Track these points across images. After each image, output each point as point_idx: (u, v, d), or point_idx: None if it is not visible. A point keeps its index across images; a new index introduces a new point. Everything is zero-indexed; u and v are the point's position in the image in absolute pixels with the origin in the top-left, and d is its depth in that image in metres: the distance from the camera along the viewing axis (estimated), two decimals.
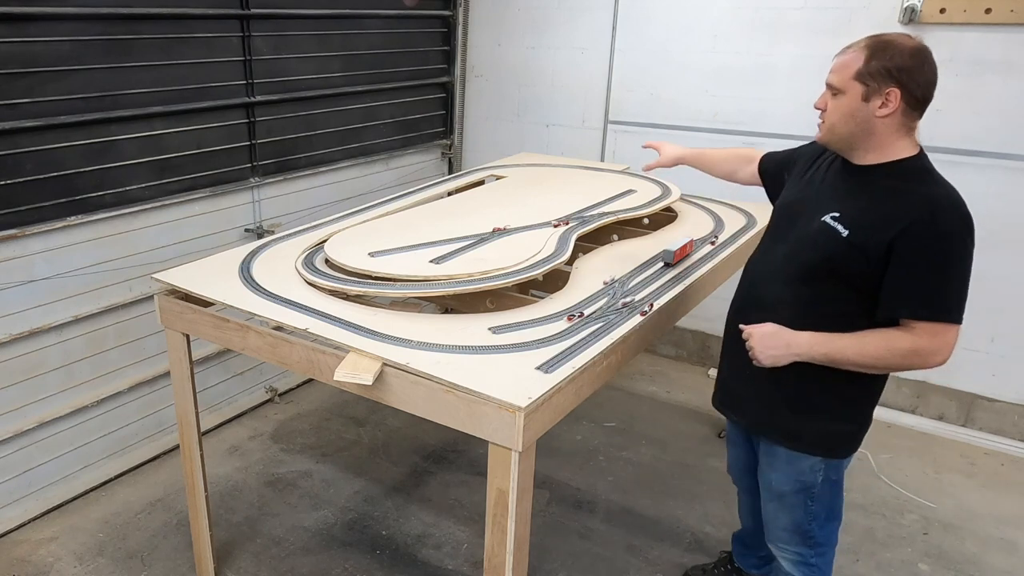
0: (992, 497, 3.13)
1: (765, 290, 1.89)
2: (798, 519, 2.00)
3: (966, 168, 3.31)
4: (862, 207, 1.70)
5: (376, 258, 2.28)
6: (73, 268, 2.82)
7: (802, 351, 1.75)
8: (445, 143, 4.63)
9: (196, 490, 2.42)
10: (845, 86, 1.66)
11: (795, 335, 1.76)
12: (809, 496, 1.96)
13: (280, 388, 3.77)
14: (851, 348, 1.71)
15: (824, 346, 1.73)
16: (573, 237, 2.52)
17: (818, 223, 1.75)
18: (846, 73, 1.66)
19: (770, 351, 1.77)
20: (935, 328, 1.65)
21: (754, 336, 1.80)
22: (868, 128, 1.68)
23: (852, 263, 1.69)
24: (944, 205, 1.63)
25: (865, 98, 1.65)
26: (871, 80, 1.63)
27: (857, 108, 1.66)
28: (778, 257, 1.87)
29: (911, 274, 1.63)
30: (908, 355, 1.67)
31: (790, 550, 2.05)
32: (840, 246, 1.70)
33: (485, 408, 1.63)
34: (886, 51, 1.62)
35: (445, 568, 2.66)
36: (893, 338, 1.68)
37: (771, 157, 2.23)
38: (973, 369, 3.52)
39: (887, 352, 1.68)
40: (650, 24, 3.91)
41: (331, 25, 3.66)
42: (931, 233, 1.60)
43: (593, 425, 3.56)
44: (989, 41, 3.15)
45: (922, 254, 1.61)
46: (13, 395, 2.73)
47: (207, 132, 3.19)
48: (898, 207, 1.64)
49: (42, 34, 2.56)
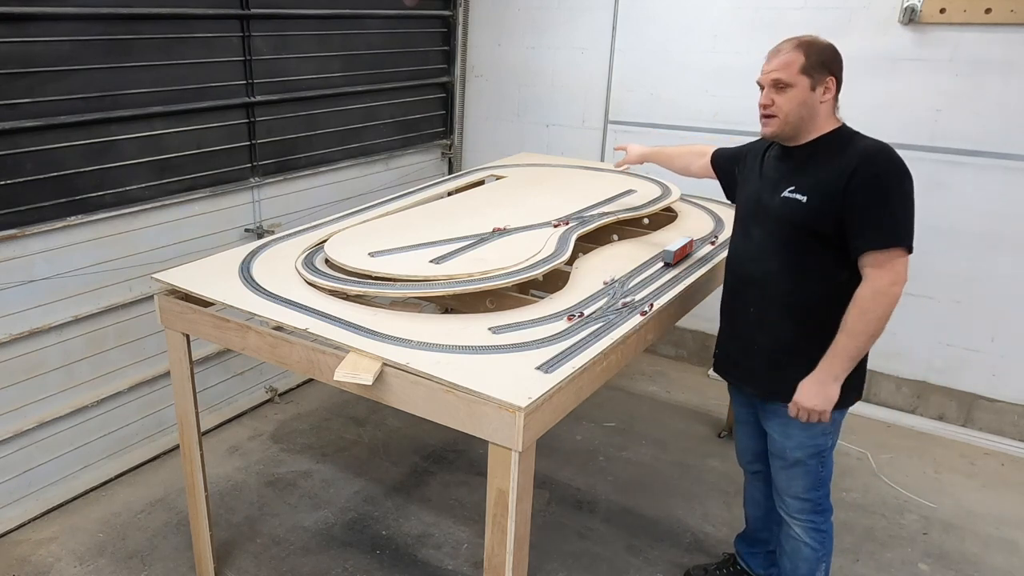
0: (992, 497, 3.13)
1: (753, 267, 2.08)
2: (810, 484, 2.13)
3: (966, 168, 3.31)
4: (811, 175, 1.94)
5: (376, 258, 2.28)
6: (73, 268, 2.82)
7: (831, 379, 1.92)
8: (445, 143, 4.63)
9: (196, 490, 2.42)
10: (794, 80, 1.90)
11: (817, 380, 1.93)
12: (820, 460, 2.10)
13: (280, 388, 3.77)
14: (848, 339, 1.88)
15: (837, 360, 1.91)
16: (573, 237, 2.52)
17: (779, 200, 1.98)
18: (792, 69, 1.90)
19: (819, 407, 1.94)
20: (889, 257, 1.83)
21: (802, 410, 1.97)
22: (813, 112, 1.93)
23: (817, 221, 1.91)
24: (875, 151, 1.88)
25: (812, 88, 1.91)
26: (814, 72, 1.89)
27: (807, 97, 1.91)
28: (756, 237, 2.07)
29: (861, 212, 1.85)
30: (877, 297, 1.84)
31: (803, 518, 2.18)
32: (804, 211, 1.92)
33: (485, 408, 1.64)
34: (815, 48, 1.90)
35: (445, 568, 2.66)
36: (858, 298, 1.86)
37: (721, 152, 2.48)
38: (973, 369, 3.52)
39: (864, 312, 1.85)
40: (650, 24, 3.91)
41: (331, 25, 3.66)
42: (869, 175, 1.84)
43: (593, 425, 3.56)
44: (989, 41, 3.15)
45: (866, 193, 1.84)
46: (13, 395, 2.73)
47: (207, 132, 3.19)
48: (840, 162, 1.89)
49: (42, 34, 2.56)
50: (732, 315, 2.19)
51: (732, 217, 2.97)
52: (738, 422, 2.40)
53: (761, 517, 2.46)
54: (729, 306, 2.21)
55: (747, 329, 2.12)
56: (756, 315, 2.08)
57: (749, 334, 2.11)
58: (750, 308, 2.09)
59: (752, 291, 2.08)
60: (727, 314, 2.22)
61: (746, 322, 2.12)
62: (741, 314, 2.14)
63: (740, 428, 2.40)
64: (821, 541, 2.19)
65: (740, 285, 2.14)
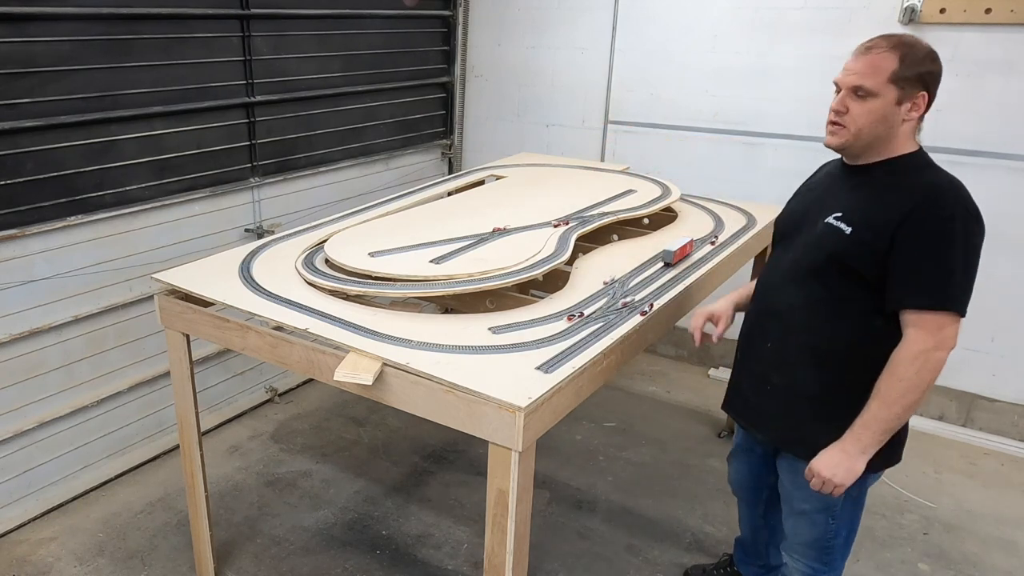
0: (992, 497, 3.13)
1: (776, 297, 1.87)
2: (818, 536, 1.94)
3: (966, 168, 3.30)
4: (864, 203, 1.69)
5: (376, 258, 2.28)
6: (73, 268, 2.82)
7: (858, 452, 1.69)
8: (445, 143, 4.63)
9: (196, 490, 2.42)
10: (880, 89, 1.61)
11: (842, 450, 1.70)
12: (831, 514, 1.90)
13: (280, 388, 3.77)
14: (880, 407, 1.65)
15: (867, 431, 1.67)
16: (573, 237, 2.52)
17: (822, 225, 1.74)
18: (881, 76, 1.61)
19: (839, 481, 1.71)
20: (936, 320, 1.60)
21: (824, 481, 1.73)
22: (892, 131, 1.66)
23: (858, 259, 1.66)
24: (944, 190, 1.61)
25: (898, 102, 1.62)
26: (907, 84, 1.60)
27: (890, 112, 1.63)
28: (785, 264, 1.85)
29: (912, 261, 1.59)
30: (915, 362, 1.61)
31: (804, 563, 2.02)
32: (845, 244, 1.68)
33: (485, 408, 1.63)
34: (915, 54, 1.60)
35: (445, 568, 2.66)
36: (895, 362, 1.64)
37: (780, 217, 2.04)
38: (973, 369, 3.52)
39: (901, 379, 1.62)
40: (650, 24, 3.91)
41: (331, 25, 3.65)
42: (931, 217, 1.57)
43: (593, 425, 3.56)
44: (989, 41, 3.15)
45: (922, 240, 1.58)
46: (13, 395, 2.73)
47: (207, 132, 3.19)
48: (899, 197, 1.62)
49: (42, 34, 2.56)
50: (748, 346, 1.95)
51: (732, 217, 3.00)
52: (737, 450, 2.23)
53: (752, 538, 2.36)
54: (746, 335, 1.97)
55: (761, 366, 1.89)
56: (773, 351, 1.86)
57: (763, 372, 1.88)
58: (768, 343, 1.88)
59: (772, 323, 1.85)
60: (743, 343, 1.99)
61: (761, 358, 1.89)
62: (758, 347, 1.90)
63: (737, 457, 2.23)
64: None
65: (760, 317, 1.92)
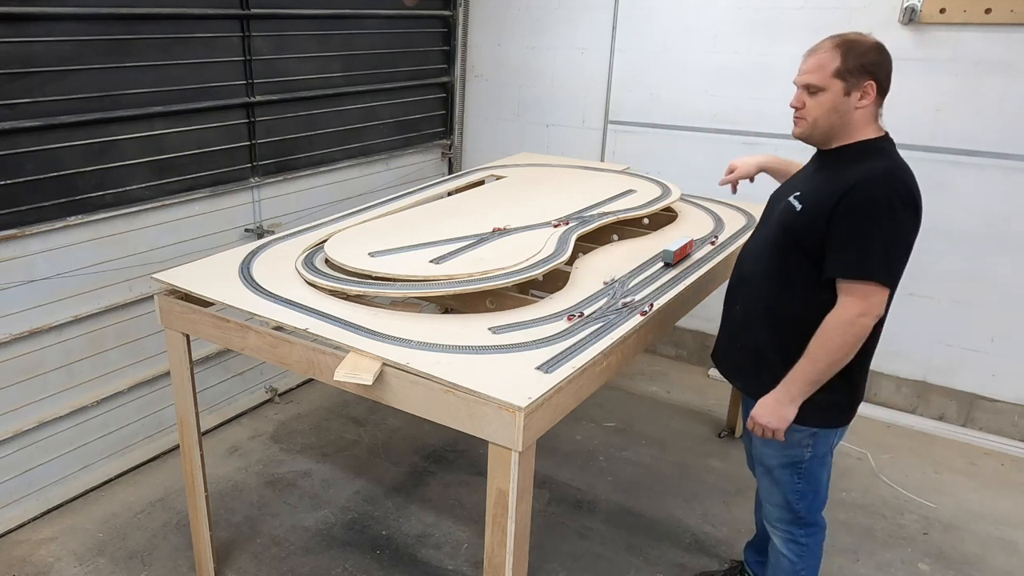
0: (992, 497, 3.13)
1: (747, 268, 2.06)
2: (787, 495, 2.07)
3: (966, 168, 3.31)
4: (818, 184, 1.87)
5: (376, 258, 2.28)
6: (73, 268, 2.82)
7: (787, 400, 1.88)
8: (445, 143, 4.63)
9: (196, 490, 2.42)
10: (827, 84, 1.80)
11: (774, 399, 1.90)
12: (797, 472, 2.03)
13: (280, 388, 3.77)
14: (807, 363, 1.83)
15: (795, 384, 1.86)
16: (573, 237, 2.52)
17: (784, 202, 1.93)
18: (825, 73, 1.80)
19: (772, 425, 1.90)
20: (863, 288, 1.75)
21: (756, 425, 1.94)
22: (846, 119, 1.83)
23: (804, 234, 1.83)
24: (878, 174, 1.76)
25: (846, 92, 1.80)
26: (850, 76, 1.78)
27: (840, 102, 1.81)
28: (759, 239, 2.05)
29: (840, 235, 1.76)
30: (842, 326, 1.77)
31: (781, 528, 2.14)
32: (794, 219, 1.87)
33: (485, 408, 1.64)
34: (856, 49, 1.78)
35: (445, 568, 2.66)
36: (824, 324, 1.79)
37: None
38: (973, 369, 3.52)
39: (827, 339, 1.79)
40: (650, 24, 3.91)
41: (331, 25, 3.65)
42: (860, 197, 1.74)
43: (593, 425, 3.56)
44: (989, 41, 3.15)
45: (849, 216, 1.74)
46: (13, 395, 2.73)
47: (207, 132, 3.19)
48: (844, 179, 1.78)
49: (42, 34, 2.56)
50: (727, 308, 2.18)
51: (732, 217, 3.00)
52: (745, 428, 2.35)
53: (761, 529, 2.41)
54: (727, 298, 2.19)
55: (734, 326, 2.11)
56: (741, 314, 2.07)
57: (735, 331, 2.10)
58: (738, 305, 2.09)
59: (743, 289, 2.07)
60: (725, 306, 2.20)
61: (734, 319, 2.11)
62: (731, 310, 2.13)
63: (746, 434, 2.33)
64: (800, 555, 2.12)
65: (735, 283, 2.14)
